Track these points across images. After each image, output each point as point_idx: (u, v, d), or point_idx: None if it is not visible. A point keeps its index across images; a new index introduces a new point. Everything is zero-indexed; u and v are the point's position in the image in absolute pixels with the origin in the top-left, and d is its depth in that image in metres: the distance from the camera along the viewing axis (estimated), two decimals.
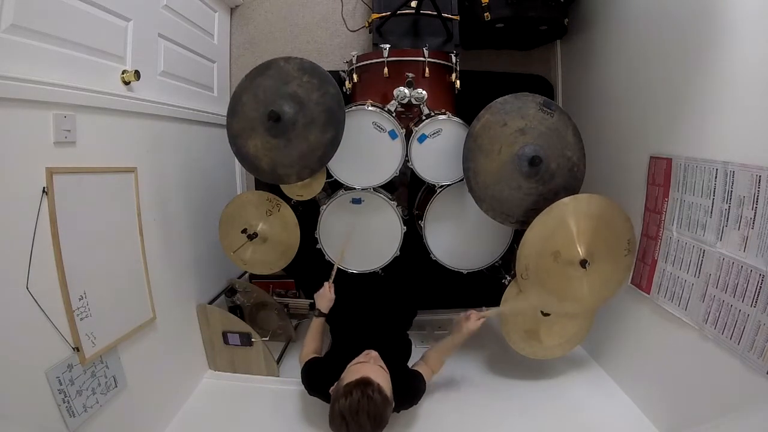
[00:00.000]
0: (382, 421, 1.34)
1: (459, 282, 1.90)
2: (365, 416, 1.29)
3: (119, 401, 1.37)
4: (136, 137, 1.58)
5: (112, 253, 1.40)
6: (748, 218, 1.21)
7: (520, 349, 1.76)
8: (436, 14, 1.90)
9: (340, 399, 1.33)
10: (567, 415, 1.66)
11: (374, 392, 1.32)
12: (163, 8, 1.83)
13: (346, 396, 1.32)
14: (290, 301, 2.29)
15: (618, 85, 1.94)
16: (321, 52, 2.56)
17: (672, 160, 1.53)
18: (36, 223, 1.11)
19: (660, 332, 1.58)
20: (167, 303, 1.66)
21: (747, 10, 1.23)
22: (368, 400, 1.30)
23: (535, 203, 1.56)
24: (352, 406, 1.29)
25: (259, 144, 1.56)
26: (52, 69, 1.22)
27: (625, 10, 1.88)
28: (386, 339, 1.66)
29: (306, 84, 1.51)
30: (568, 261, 1.54)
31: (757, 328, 1.18)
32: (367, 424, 1.29)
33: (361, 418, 1.29)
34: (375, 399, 1.31)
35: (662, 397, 1.55)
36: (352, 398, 1.30)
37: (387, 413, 1.36)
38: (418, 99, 1.70)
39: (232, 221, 1.78)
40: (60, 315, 1.18)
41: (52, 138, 1.19)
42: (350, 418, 1.29)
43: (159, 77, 1.80)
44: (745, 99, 1.24)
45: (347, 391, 1.33)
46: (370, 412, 1.29)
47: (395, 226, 1.79)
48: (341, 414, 1.30)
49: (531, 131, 1.53)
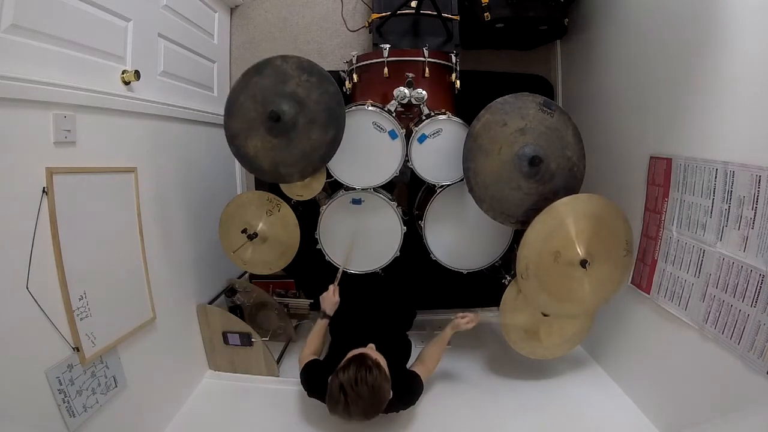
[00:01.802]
0: (381, 394, 1.35)
1: (459, 282, 1.90)
2: (364, 386, 1.30)
3: (119, 401, 1.37)
4: (136, 137, 1.59)
5: (112, 253, 1.40)
6: (748, 218, 1.21)
7: (520, 349, 1.76)
8: (436, 14, 1.91)
9: (338, 373, 1.35)
10: (567, 415, 1.66)
11: (372, 365, 1.35)
12: (163, 8, 1.83)
13: (344, 370, 1.34)
14: (290, 301, 2.29)
15: (618, 84, 1.94)
16: (321, 52, 2.56)
17: (672, 160, 1.53)
18: (36, 223, 1.11)
19: (660, 332, 1.58)
20: (167, 303, 1.66)
21: (747, 9, 1.23)
22: (367, 370, 1.33)
23: (535, 203, 1.56)
24: (351, 377, 1.31)
25: (259, 144, 1.55)
26: (52, 69, 1.22)
27: (625, 10, 1.88)
28: (386, 339, 1.66)
29: (305, 83, 1.51)
30: (568, 261, 1.54)
31: (757, 328, 1.18)
32: (366, 394, 1.30)
33: (359, 388, 1.30)
34: (373, 371, 1.33)
35: (662, 397, 1.55)
36: (351, 370, 1.33)
37: (385, 389, 1.37)
38: (418, 99, 1.70)
39: (232, 221, 1.78)
40: (60, 315, 1.18)
41: (52, 138, 1.19)
42: (349, 389, 1.30)
43: (159, 77, 1.80)
44: (745, 99, 1.24)
45: (346, 365, 1.36)
46: (369, 382, 1.31)
47: (395, 226, 1.79)
48: (340, 385, 1.31)
49: (531, 131, 1.53)
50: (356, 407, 1.32)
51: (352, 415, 1.34)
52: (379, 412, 1.39)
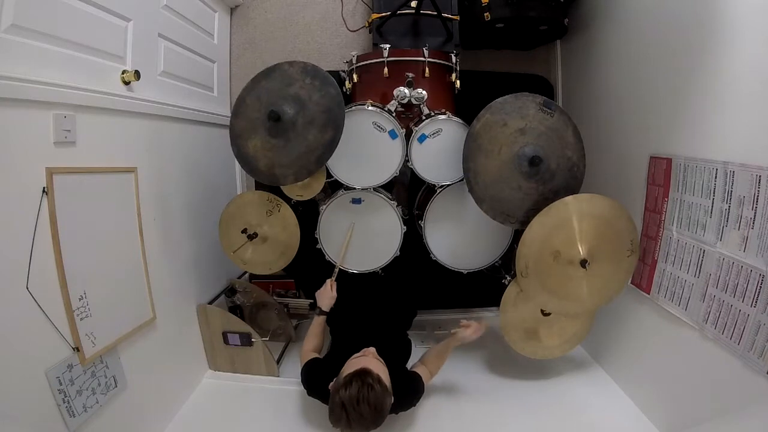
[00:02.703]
0: (383, 411, 1.35)
1: (459, 282, 1.90)
2: (366, 405, 1.30)
3: (119, 401, 1.37)
4: (136, 137, 1.58)
5: (112, 253, 1.40)
6: (748, 218, 1.21)
7: (520, 349, 1.76)
8: (436, 14, 1.91)
9: (340, 390, 1.34)
10: (567, 415, 1.66)
11: (374, 382, 1.34)
12: (163, 8, 1.83)
13: (346, 386, 1.33)
14: (290, 301, 2.29)
15: (618, 85, 1.94)
16: (321, 52, 2.56)
17: (672, 160, 1.53)
18: (36, 223, 1.11)
19: (660, 332, 1.58)
20: (167, 303, 1.66)
21: (747, 9, 1.23)
22: (369, 389, 1.32)
23: (535, 203, 1.56)
24: (352, 396, 1.30)
25: (259, 144, 1.56)
26: (52, 69, 1.22)
27: (625, 10, 1.88)
28: (386, 339, 1.66)
29: (308, 86, 1.52)
30: (568, 261, 1.54)
31: (757, 328, 1.18)
32: (368, 413, 1.30)
33: (361, 407, 1.29)
34: (375, 388, 1.32)
35: (662, 397, 1.55)
36: (352, 388, 1.32)
37: (387, 403, 1.37)
38: (418, 99, 1.70)
39: (232, 221, 1.78)
40: (60, 315, 1.18)
41: (52, 138, 1.19)
42: (351, 408, 1.30)
43: (159, 77, 1.80)
44: (746, 99, 1.24)
45: (347, 381, 1.34)
46: (371, 401, 1.30)
47: (395, 226, 1.79)
48: (342, 404, 1.31)
49: (531, 131, 1.53)
50: (357, 425, 1.32)
51: (354, 430, 1.35)
52: (381, 424, 1.39)
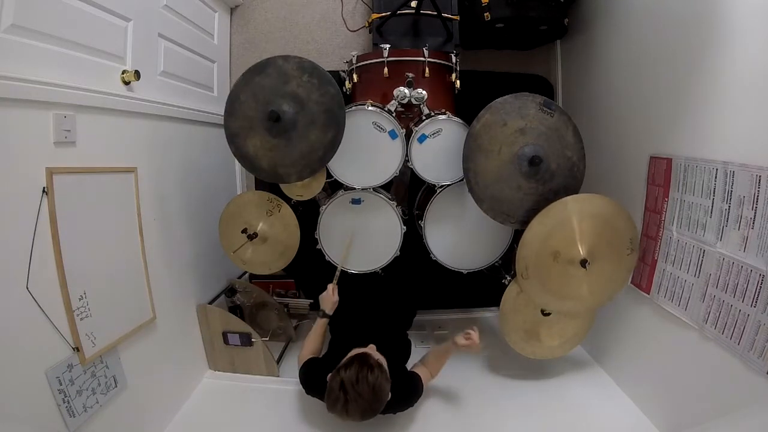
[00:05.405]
0: (381, 394, 1.35)
1: (459, 282, 1.90)
2: (365, 384, 1.30)
3: (119, 401, 1.37)
4: (136, 137, 1.58)
5: (112, 253, 1.40)
6: (748, 218, 1.21)
7: (520, 349, 1.76)
8: (436, 14, 1.90)
9: (340, 370, 1.35)
10: (567, 415, 1.66)
11: (375, 365, 1.35)
12: (163, 8, 1.83)
13: (346, 368, 1.35)
14: (290, 301, 2.29)
15: (618, 84, 1.94)
16: (321, 52, 2.56)
17: (672, 160, 1.53)
18: (36, 223, 1.11)
19: (660, 332, 1.58)
20: (167, 303, 1.66)
21: (747, 9, 1.23)
22: (369, 369, 1.33)
23: (535, 203, 1.56)
24: (352, 376, 1.31)
25: (259, 143, 1.55)
26: (52, 69, 1.22)
27: (625, 10, 1.88)
28: (386, 339, 1.66)
29: (306, 83, 1.51)
30: (568, 261, 1.54)
31: (757, 328, 1.18)
32: (367, 393, 1.30)
33: (360, 387, 1.30)
34: (375, 371, 1.34)
35: (662, 397, 1.55)
36: (352, 369, 1.33)
37: (385, 388, 1.37)
38: (418, 99, 1.70)
39: (232, 221, 1.78)
40: (60, 315, 1.18)
41: (52, 138, 1.19)
42: (350, 387, 1.30)
43: (159, 77, 1.80)
44: (746, 99, 1.24)
45: (348, 363, 1.36)
46: (370, 381, 1.31)
47: (395, 226, 1.79)
48: (341, 383, 1.32)
49: (531, 131, 1.53)
50: (355, 405, 1.32)
51: (350, 413, 1.34)
52: (377, 413, 1.39)
